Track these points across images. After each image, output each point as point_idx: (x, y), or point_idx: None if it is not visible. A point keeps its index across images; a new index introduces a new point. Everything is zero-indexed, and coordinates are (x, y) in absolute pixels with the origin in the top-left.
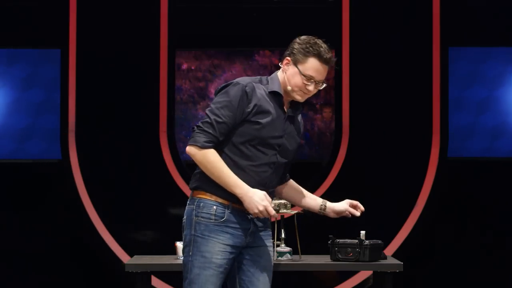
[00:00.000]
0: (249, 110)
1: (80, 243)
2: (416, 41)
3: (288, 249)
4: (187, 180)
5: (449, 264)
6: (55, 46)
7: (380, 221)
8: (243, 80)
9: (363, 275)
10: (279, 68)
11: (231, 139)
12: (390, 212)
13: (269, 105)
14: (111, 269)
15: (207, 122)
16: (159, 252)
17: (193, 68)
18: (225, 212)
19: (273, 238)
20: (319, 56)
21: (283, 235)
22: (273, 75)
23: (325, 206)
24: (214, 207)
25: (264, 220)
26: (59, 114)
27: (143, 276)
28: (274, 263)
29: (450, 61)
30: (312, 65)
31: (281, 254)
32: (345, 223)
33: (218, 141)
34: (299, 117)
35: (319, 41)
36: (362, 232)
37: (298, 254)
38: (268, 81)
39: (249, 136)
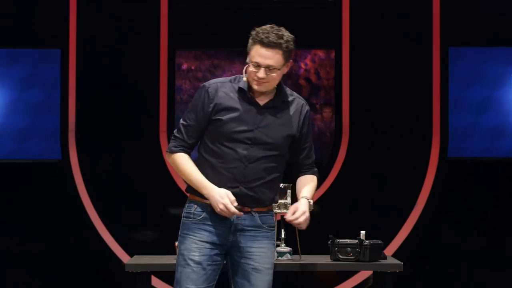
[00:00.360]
0: (210, 109)
1: (80, 243)
2: (416, 41)
3: (288, 249)
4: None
5: (449, 264)
6: (55, 46)
7: (380, 221)
8: (211, 81)
9: (363, 275)
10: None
11: (204, 140)
12: (390, 212)
13: (234, 101)
14: (111, 269)
15: (177, 128)
16: (159, 252)
17: (193, 68)
18: (204, 211)
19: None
20: (260, 42)
21: (283, 235)
22: (244, 71)
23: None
24: (195, 206)
25: (255, 221)
26: (59, 114)
27: (143, 276)
28: (274, 263)
29: (450, 61)
30: (256, 52)
31: (281, 254)
32: (345, 223)
33: (187, 144)
34: (292, 106)
35: (266, 28)
36: (362, 232)
37: (298, 254)
38: (237, 79)
39: (216, 134)
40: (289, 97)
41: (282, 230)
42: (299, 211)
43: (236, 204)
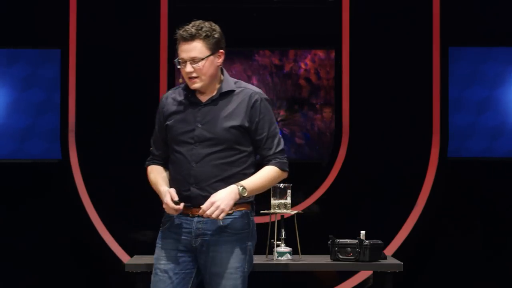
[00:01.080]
0: (162, 118)
1: (80, 243)
2: (416, 41)
3: (288, 249)
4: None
5: (449, 264)
6: (55, 46)
7: (380, 221)
8: (169, 91)
9: (363, 275)
10: (279, 68)
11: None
12: (390, 212)
13: (179, 105)
14: (111, 269)
15: (151, 141)
16: None
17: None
18: (170, 219)
19: (272, 238)
20: (180, 38)
21: (283, 235)
22: None
23: None
24: (165, 215)
25: (216, 224)
26: (59, 114)
27: (143, 276)
28: (274, 263)
29: (450, 61)
30: (180, 49)
31: (281, 254)
32: (345, 223)
33: (156, 156)
34: (240, 98)
35: (187, 24)
36: (362, 232)
37: (298, 254)
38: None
39: (169, 141)
40: (236, 89)
41: (282, 230)
42: (207, 203)
43: (176, 199)
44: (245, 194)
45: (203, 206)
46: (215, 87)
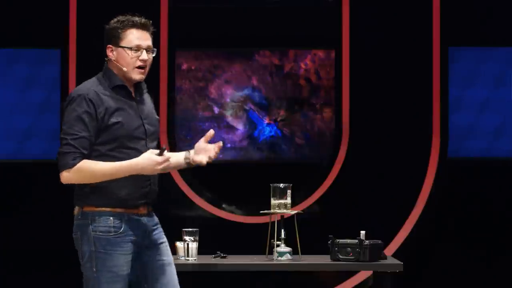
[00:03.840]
0: (101, 115)
1: None
2: (416, 41)
3: (288, 249)
4: (187, 180)
5: (449, 264)
6: (55, 46)
7: (380, 221)
8: (81, 90)
9: (363, 275)
10: (279, 68)
11: (99, 150)
12: (390, 212)
13: (119, 101)
14: None
15: (65, 144)
16: None
17: (193, 68)
18: (122, 222)
19: (272, 238)
20: (135, 25)
21: (283, 235)
22: (104, 71)
23: (189, 154)
24: (111, 218)
25: (155, 219)
26: (59, 114)
27: None
28: (274, 263)
29: (450, 61)
30: (134, 35)
31: (281, 254)
32: (345, 223)
33: (84, 155)
34: (147, 96)
35: (128, 15)
36: (362, 232)
37: (298, 254)
38: (105, 79)
39: (115, 138)
40: (143, 86)
41: (282, 230)
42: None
43: (157, 151)
44: None
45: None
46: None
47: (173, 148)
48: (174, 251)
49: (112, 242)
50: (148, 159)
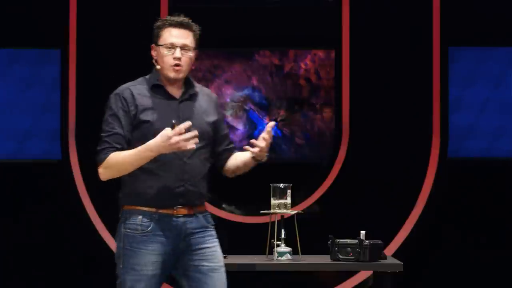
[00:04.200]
0: (134, 113)
1: (80, 243)
2: (416, 41)
3: (288, 249)
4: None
5: (449, 264)
6: (55, 46)
7: (380, 221)
8: (119, 89)
9: (363, 275)
10: (279, 68)
11: (133, 147)
12: (390, 212)
13: (153, 100)
14: (111, 269)
15: (100, 142)
16: None
17: (193, 68)
18: (151, 221)
19: (272, 238)
20: (170, 24)
21: (283, 235)
22: (153, 71)
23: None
24: (140, 217)
25: (200, 222)
26: (59, 114)
27: None
28: (274, 263)
29: (450, 61)
30: (168, 34)
31: (281, 254)
32: (345, 223)
33: (116, 149)
34: (202, 96)
35: (174, 15)
36: (362, 232)
37: (298, 254)
38: (149, 78)
39: (145, 137)
40: (196, 87)
41: (282, 230)
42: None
43: (170, 128)
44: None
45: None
46: (181, 84)
47: None
48: None
49: (138, 240)
50: (161, 135)
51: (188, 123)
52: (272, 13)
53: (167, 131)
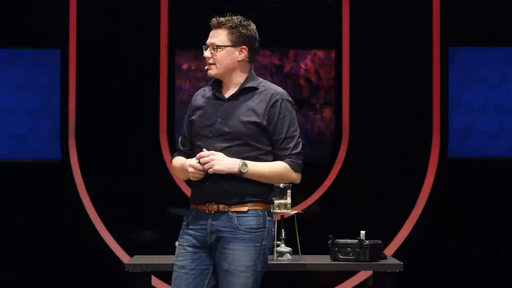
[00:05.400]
0: (190, 113)
1: (80, 243)
2: (416, 41)
3: (288, 249)
4: (187, 181)
5: (449, 264)
6: (55, 46)
7: (380, 221)
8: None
9: (363, 275)
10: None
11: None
12: (390, 212)
13: (204, 100)
14: (111, 269)
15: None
16: (159, 252)
17: (193, 68)
18: (189, 217)
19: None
20: (211, 26)
21: (283, 235)
22: None
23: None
24: (186, 212)
25: (231, 222)
26: (59, 114)
27: (143, 276)
28: (274, 263)
29: (450, 61)
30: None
31: (281, 254)
32: (345, 223)
33: (181, 152)
34: (252, 95)
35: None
36: (362, 232)
37: (298, 254)
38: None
39: (191, 135)
40: (260, 87)
41: (282, 230)
42: (206, 152)
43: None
44: (244, 171)
45: (201, 153)
46: (239, 83)
47: (173, 148)
48: (174, 251)
49: (180, 234)
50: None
51: (202, 154)
52: (272, 13)
53: (190, 168)
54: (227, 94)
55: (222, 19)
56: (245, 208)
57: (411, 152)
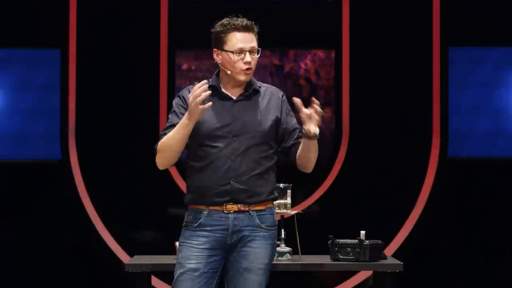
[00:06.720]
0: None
1: (80, 243)
2: (416, 41)
3: (288, 249)
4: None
5: (449, 264)
6: (55, 46)
7: (380, 221)
8: (183, 90)
9: (363, 275)
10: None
11: (189, 148)
12: (390, 212)
13: (208, 100)
14: (111, 269)
15: (160, 135)
16: (159, 252)
17: (193, 68)
18: (199, 217)
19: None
20: (236, 28)
21: (283, 235)
22: (214, 75)
23: (302, 133)
24: (192, 214)
25: (253, 220)
26: (59, 114)
27: (143, 276)
28: (274, 263)
29: (450, 61)
30: (236, 39)
31: (281, 254)
32: (345, 223)
33: None
34: (263, 96)
35: (232, 18)
36: (362, 232)
37: (298, 254)
38: (212, 80)
39: (197, 136)
40: (261, 87)
41: (282, 230)
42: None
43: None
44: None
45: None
46: (242, 84)
47: None
48: (174, 251)
49: (186, 236)
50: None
51: (203, 82)
52: (272, 13)
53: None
54: (234, 95)
55: (249, 22)
56: (263, 207)
57: (411, 152)
